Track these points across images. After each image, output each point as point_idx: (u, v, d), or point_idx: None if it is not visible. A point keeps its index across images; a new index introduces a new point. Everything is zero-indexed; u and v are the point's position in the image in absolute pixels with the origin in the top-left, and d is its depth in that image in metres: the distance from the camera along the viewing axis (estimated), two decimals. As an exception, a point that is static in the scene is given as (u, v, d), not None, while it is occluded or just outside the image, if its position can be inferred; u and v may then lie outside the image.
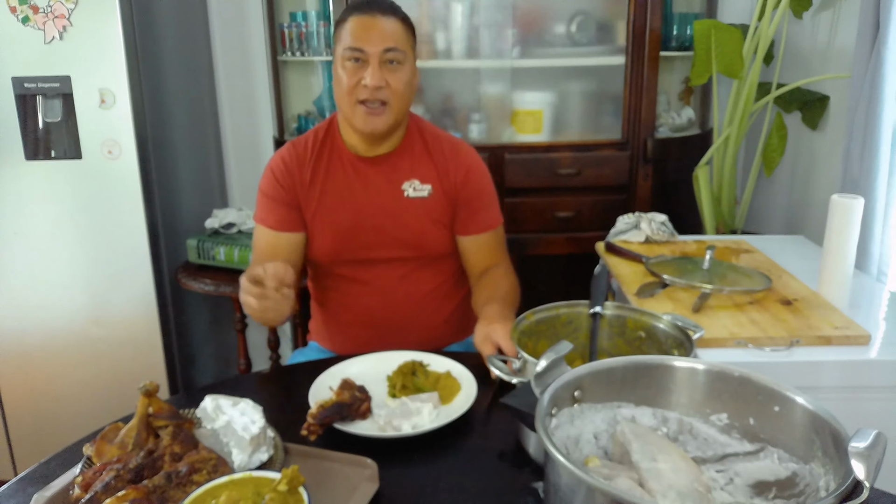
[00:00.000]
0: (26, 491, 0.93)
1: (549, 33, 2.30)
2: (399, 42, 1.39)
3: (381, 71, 1.38)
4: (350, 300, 1.54)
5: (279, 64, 2.43)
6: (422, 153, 1.51)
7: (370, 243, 1.49)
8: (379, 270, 1.51)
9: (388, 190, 1.48)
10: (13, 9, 1.96)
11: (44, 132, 2.05)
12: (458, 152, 1.53)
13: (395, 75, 1.39)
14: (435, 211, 1.50)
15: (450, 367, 1.20)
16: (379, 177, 1.49)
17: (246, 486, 0.80)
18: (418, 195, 1.49)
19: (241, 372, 2.41)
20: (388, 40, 1.38)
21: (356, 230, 1.48)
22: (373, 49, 1.37)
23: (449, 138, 1.56)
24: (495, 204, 1.57)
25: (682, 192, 2.31)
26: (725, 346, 1.28)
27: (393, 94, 1.39)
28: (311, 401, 1.10)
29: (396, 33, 1.39)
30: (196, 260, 2.31)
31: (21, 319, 2.18)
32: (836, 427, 0.69)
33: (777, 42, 2.24)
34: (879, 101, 1.62)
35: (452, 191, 1.51)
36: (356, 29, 1.38)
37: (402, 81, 1.40)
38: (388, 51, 1.38)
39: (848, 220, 1.39)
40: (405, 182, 1.49)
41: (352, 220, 1.48)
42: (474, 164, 1.54)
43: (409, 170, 1.49)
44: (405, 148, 1.50)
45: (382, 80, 1.38)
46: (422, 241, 1.50)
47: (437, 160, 1.51)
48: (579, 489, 0.63)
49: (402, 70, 1.40)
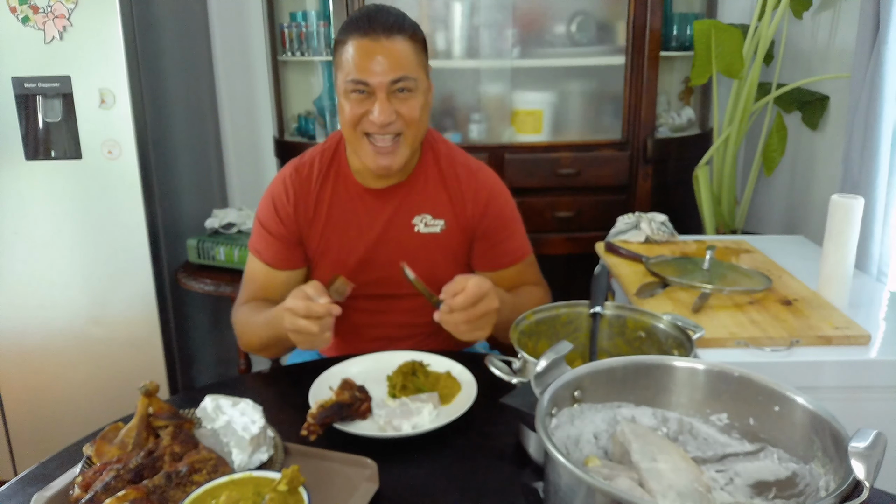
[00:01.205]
0: (26, 491, 0.93)
1: (549, 33, 2.30)
2: (409, 67, 1.23)
3: (390, 102, 1.23)
4: (358, 329, 1.45)
5: (279, 64, 2.44)
6: (436, 182, 1.38)
7: (377, 280, 1.39)
8: (388, 304, 1.42)
9: (397, 224, 1.37)
10: (13, 9, 1.96)
11: (44, 132, 2.05)
12: (476, 180, 1.39)
13: (407, 104, 1.25)
14: (448, 248, 1.39)
15: (450, 367, 1.20)
16: (388, 210, 1.37)
17: (246, 486, 0.80)
18: (430, 231, 1.37)
19: (241, 372, 2.41)
20: (395, 69, 1.22)
21: (363, 267, 1.38)
22: (378, 81, 1.21)
23: (465, 163, 1.41)
24: (520, 234, 1.44)
25: (682, 192, 2.31)
26: (725, 346, 1.28)
27: (406, 123, 1.26)
28: (311, 401, 1.10)
29: (405, 57, 1.23)
30: (196, 260, 2.31)
31: (21, 319, 2.18)
32: (836, 427, 0.69)
33: (777, 42, 2.24)
34: (879, 101, 1.62)
35: (470, 224, 1.39)
36: (358, 57, 1.22)
37: (415, 109, 1.25)
38: (397, 81, 1.22)
39: (848, 220, 1.39)
40: (416, 216, 1.37)
41: (359, 257, 1.38)
42: (494, 192, 1.40)
43: (420, 202, 1.37)
44: (417, 176, 1.38)
45: (392, 114, 1.24)
46: (434, 278, 1.36)
47: (452, 190, 1.38)
48: (579, 489, 0.63)
49: (414, 96, 1.25)
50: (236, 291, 2.23)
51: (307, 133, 2.48)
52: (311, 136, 2.46)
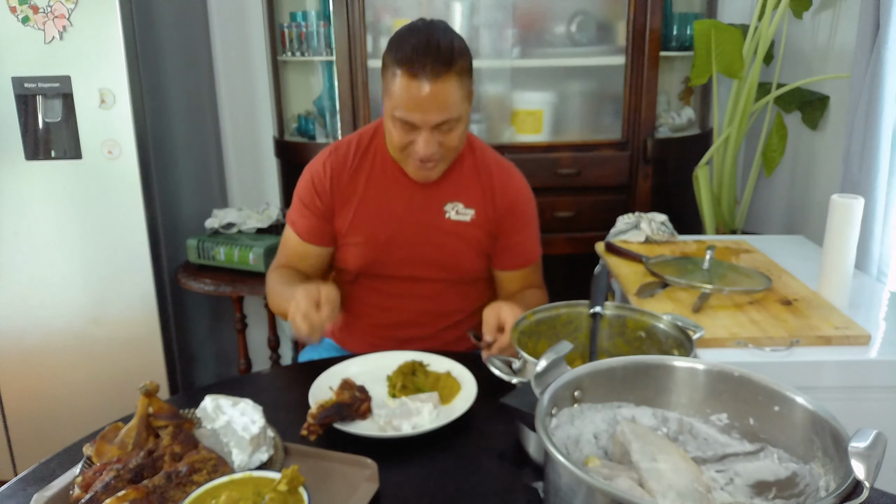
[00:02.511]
0: (26, 491, 0.93)
1: (549, 33, 2.30)
2: (453, 108, 1.27)
3: (434, 136, 1.29)
4: (372, 310, 1.51)
5: (279, 64, 2.43)
6: (470, 174, 1.44)
7: (403, 260, 1.44)
8: (407, 286, 1.47)
9: (429, 208, 1.42)
10: (13, 9, 1.96)
11: (44, 132, 2.05)
12: (507, 177, 1.46)
13: (449, 136, 1.31)
14: (474, 238, 1.44)
15: (450, 367, 1.20)
16: (421, 194, 1.42)
17: (246, 486, 0.80)
18: (460, 219, 1.43)
19: (241, 372, 2.41)
20: (441, 112, 1.26)
21: (390, 245, 1.43)
22: (423, 122, 1.27)
23: (499, 161, 1.48)
24: (535, 237, 1.51)
25: (682, 192, 2.31)
26: (725, 346, 1.28)
27: (447, 150, 1.33)
28: (311, 401, 1.11)
29: (450, 99, 1.26)
30: (196, 260, 2.31)
31: (21, 319, 2.18)
32: (836, 427, 0.69)
33: (777, 42, 2.24)
34: (879, 101, 1.62)
35: (494, 218, 1.44)
36: (404, 97, 1.25)
37: (455, 139, 1.32)
38: (441, 124, 1.28)
39: (848, 220, 1.39)
40: (448, 203, 1.42)
41: (387, 234, 1.42)
42: (521, 192, 1.47)
43: (453, 191, 1.43)
44: (453, 168, 1.43)
45: (435, 147, 1.30)
46: (456, 265, 1.45)
47: (485, 183, 1.44)
48: (579, 489, 0.63)
49: (457, 128, 1.31)
50: (236, 291, 2.24)
51: (307, 133, 2.48)
52: (311, 136, 2.45)
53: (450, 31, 1.31)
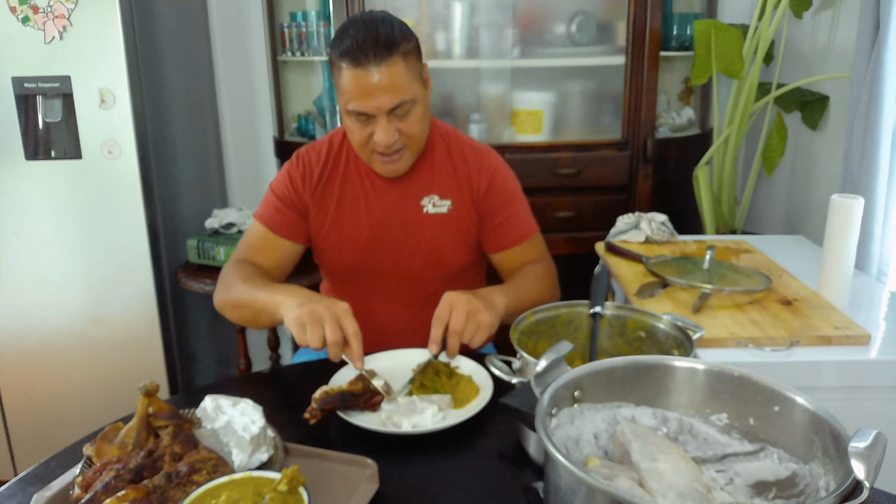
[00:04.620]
0: (26, 491, 0.93)
1: (549, 33, 2.30)
2: (404, 90, 1.26)
3: (391, 123, 1.28)
4: (364, 310, 1.46)
5: (279, 64, 2.44)
6: (443, 164, 1.43)
7: (388, 259, 1.44)
8: (397, 284, 1.46)
9: (406, 206, 1.42)
10: (13, 9, 1.96)
11: (44, 132, 2.05)
12: (481, 158, 1.44)
13: (407, 121, 1.29)
14: (455, 228, 1.43)
15: (473, 373, 1.18)
16: (397, 192, 1.42)
17: (246, 486, 0.80)
18: (437, 211, 1.42)
19: (241, 372, 2.41)
20: (392, 96, 1.25)
21: (373, 246, 1.43)
22: (376, 109, 1.26)
23: (471, 144, 1.47)
24: (524, 212, 1.48)
25: (682, 192, 2.31)
26: (725, 346, 1.28)
27: (409, 138, 1.32)
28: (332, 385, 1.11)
29: (399, 82, 1.24)
30: (196, 260, 2.31)
31: (21, 319, 2.18)
32: (836, 427, 0.69)
33: (777, 42, 2.24)
34: (879, 101, 1.62)
35: (475, 202, 1.43)
36: (353, 88, 1.24)
37: (414, 124, 1.31)
38: (395, 108, 1.26)
39: (848, 220, 1.39)
40: (424, 197, 1.42)
41: (369, 236, 1.42)
42: (498, 170, 1.45)
43: (428, 184, 1.42)
44: (425, 159, 1.42)
45: (394, 134, 1.29)
46: (441, 258, 1.44)
47: (459, 169, 1.43)
48: (579, 489, 0.63)
49: (413, 111, 1.30)
50: (236, 291, 2.23)
51: (307, 133, 2.48)
52: (311, 136, 2.46)
53: (390, 18, 1.29)
